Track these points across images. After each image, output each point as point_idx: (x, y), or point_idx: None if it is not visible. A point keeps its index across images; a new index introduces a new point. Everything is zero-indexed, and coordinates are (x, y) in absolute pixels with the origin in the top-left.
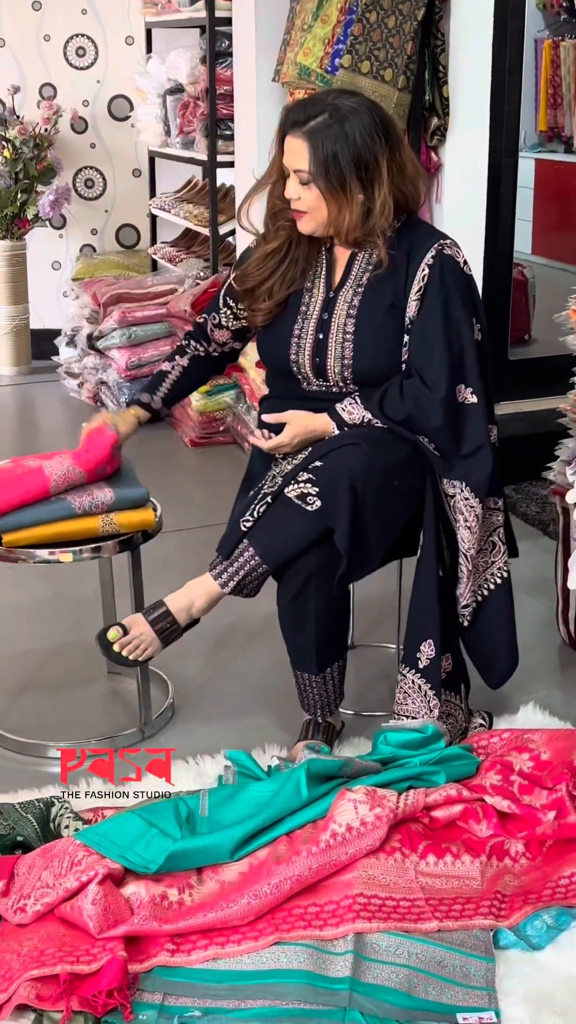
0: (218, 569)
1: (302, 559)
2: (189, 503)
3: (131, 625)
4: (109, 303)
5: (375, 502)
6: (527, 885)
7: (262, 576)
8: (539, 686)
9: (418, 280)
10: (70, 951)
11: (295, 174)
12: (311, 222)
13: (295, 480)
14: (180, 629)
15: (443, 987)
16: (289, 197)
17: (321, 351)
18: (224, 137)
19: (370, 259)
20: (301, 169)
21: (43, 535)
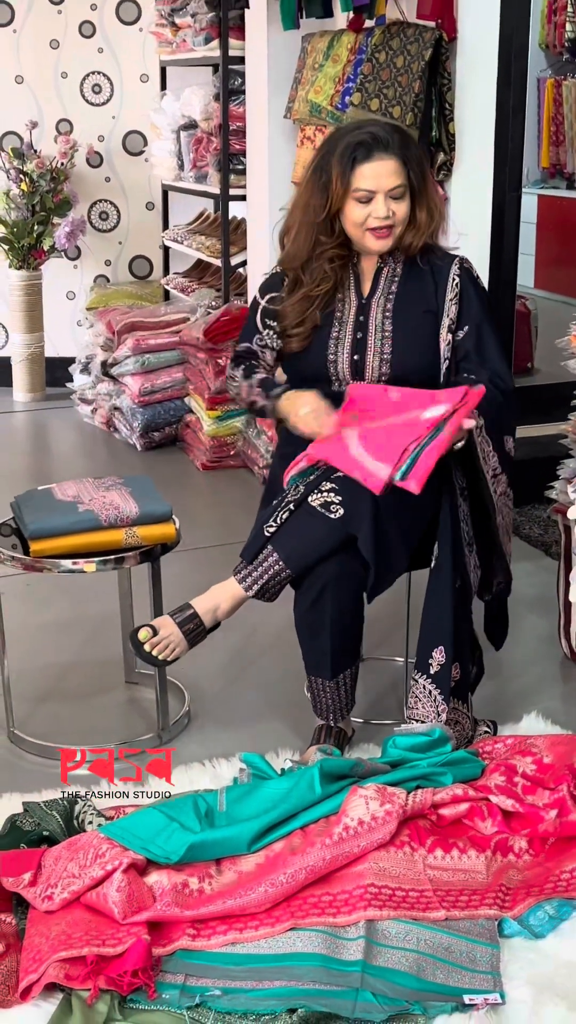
0: (242, 573)
1: (320, 568)
2: (201, 524)
3: (160, 626)
4: (123, 331)
5: (395, 510)
6: (530, 879)
7: (284, 581)
8: (542, 697)
9: (451, 288)
10: (96, 935)
11: (387, 194)
12: (392, 238)
13: (318, 489)
14: (205, 630)
15: (450, 971)
16: (382, 216)
17: (360, 349)
18: (236, 171)
19: (395, 272)
20: (398, 185)
21: (68, 545)
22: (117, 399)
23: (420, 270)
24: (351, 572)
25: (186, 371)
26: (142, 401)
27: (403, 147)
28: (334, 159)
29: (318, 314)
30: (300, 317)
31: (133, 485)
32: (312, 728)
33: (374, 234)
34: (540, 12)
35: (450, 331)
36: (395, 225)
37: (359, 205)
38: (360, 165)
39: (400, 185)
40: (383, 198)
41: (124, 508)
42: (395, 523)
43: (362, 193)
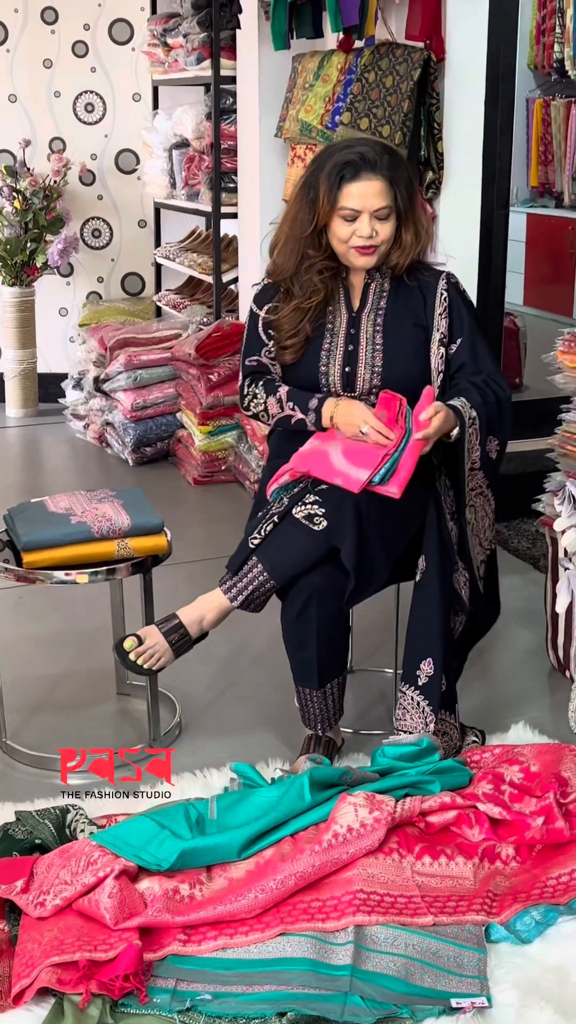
0: (228, 584)
1: (305, 579)
2: (192, 538)
3: (146, 636)
4: (116, 347)
5: (378, 523)
6: (517, 886)
7: (269, 592)
8: (530, 707)
9: (440, 303)
10: (88, 940)
11: (371, 214)
12: (377, 256)
13: (302, 502)
14: (191, 641)
15: (438, 975)
16: (365, 235)
17: (352, 361)
18: (228, 190)
19: (383, 287)
20: (383, 206)
21: (61, 557)
22: (109, 414)
23: (408, 286)
24: (335, 583)
25: (178, 387)
26: (134, 416)
27: (391, 168)
28: (322, 176)
29: (310, 326)
30: (293, 329)
31: (125, 498)
32: (302, 738)
33: (358, 251)
34: (528, 33)
35: (442, 344)
36: (379, 244)
37: (344, 223)
38: (347, 184)
39: (385, 206)
40: (368, 217)
41: (116, 520)
42: (378, 535)
43: (348, 211)
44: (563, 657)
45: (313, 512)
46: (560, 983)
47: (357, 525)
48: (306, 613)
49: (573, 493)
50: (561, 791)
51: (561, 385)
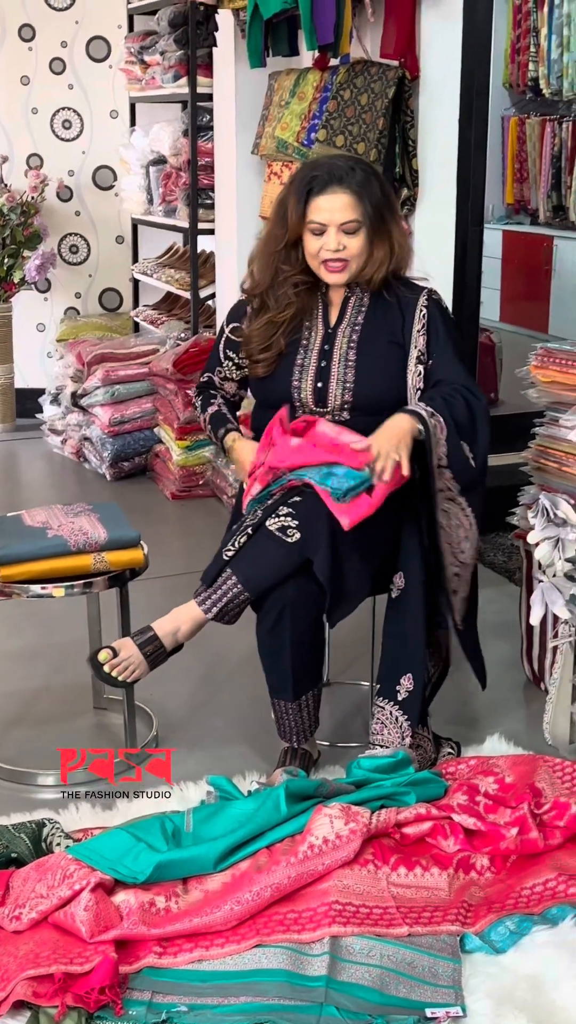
0: (202, 596)
1: (279, 591)
2: (170, 552)
3: (120, 648)
4: (93, 362)
5: (352, 537)
6: (492, 896)
7: (243, 604)
8: (505, 719)
9: (419, 319)
10: (64, 953)
11: (339, 228)
12: (348, 272)
13: (276, 514)
14: (166, 653)
15: (413, 985)
16: (332, 249)
17: (324, 377)
18: (205, 206)
19: (362, 302)
20: (351, 220)
21: (37, 571)
22: (87, 429)
23: (387, 302)
24: (309, 595)
25: (155, 401)
26: (112, 431)
27: (362, 183)
28: (292, 191)
29: (283, 341)
30: (266, 342)
31: (102, 511)
32: (278, 751)
33: (326, 267)
34: (503, 52)
35: (419, 362)
36: (348, 260)
37: (313, 237)
38: (314, 198)
39: (353, 220)
40: (335, 231)
41: (93, 534)
42: (352, 547)
43: (315, 225)
44: (538, 669)
45: (287, 524)
46: (534, 992)
47: (330, 537)
48: (280, 625)
49: (546, 506)
50: (535, 802)
51: (534, 399)
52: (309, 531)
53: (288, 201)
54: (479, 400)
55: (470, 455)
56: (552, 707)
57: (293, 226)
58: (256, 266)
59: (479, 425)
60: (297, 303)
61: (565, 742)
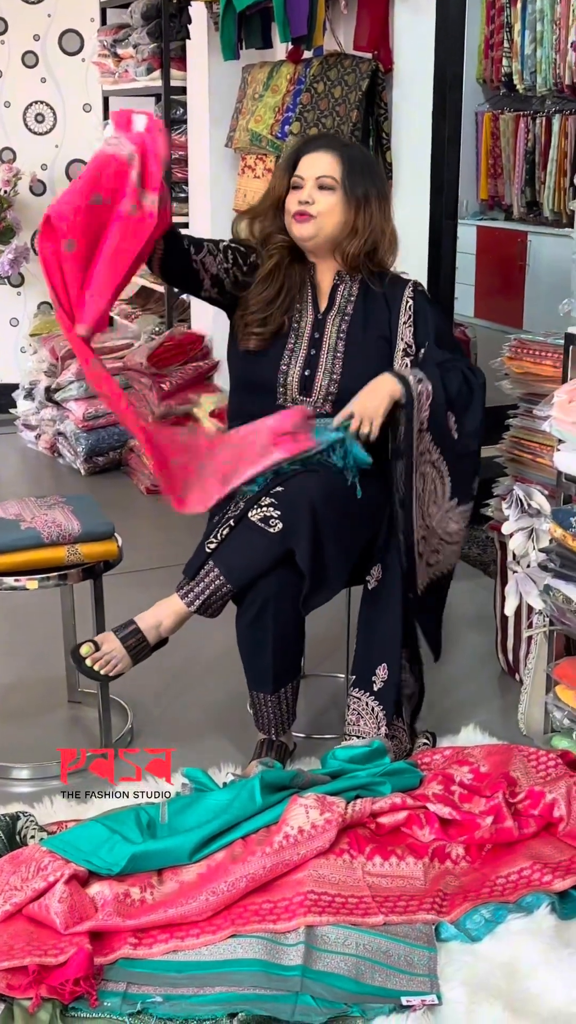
0: (184, 589)
1: (261, 584)
2: (145, 546)
3: (103, 642)
4: (67, 356)
5: (334, 527)
6: (467, 885)
7: (226, 596)
8: (480, 710)
9: (404, 311)
10: (38, 945)
11: (314, 181)
12: (313, 227)
13: (257, 504)
14: (149, 647)
15: (388, 974)
16: (302, 200)
17: (312, 365)
18: (179, 200)
19: (351, 291)
20: (326, 175)
21: (10, 563)
22: (61, 424)
23: (375, 294)
24: (292, 587)
25: (130, 396)
26: (86, 426)
27: (352, 155)
28: (285, 156)
29: (280, 318)
30: (263, 312)
31: (76, 504)
32: (254, 743)
33: (295, 219)
34: (477, 47)
35: (406, 355)
36: (315, 215)
37: (293, 192)
38: (302, 157)
39: (329, 175)
40: (310, 184)
41: (66, 526)
42: (334, 538)
43: (296, 179)
44: (512, 660)
45: (269, 514)
46: (509, 980)
47: (312, 527)
48: (261, 619)
49: (520, 497)
50: (510, 791)
51: (508, 391)
52: (291, 521)
53: (280, 163)
54: (476, 377)
55: (453, 426)
56: (527, 697)
57: (280, 183)
58: (245, 220)
59: (475, 400)
60: (283, 280)
61: (539, 732)
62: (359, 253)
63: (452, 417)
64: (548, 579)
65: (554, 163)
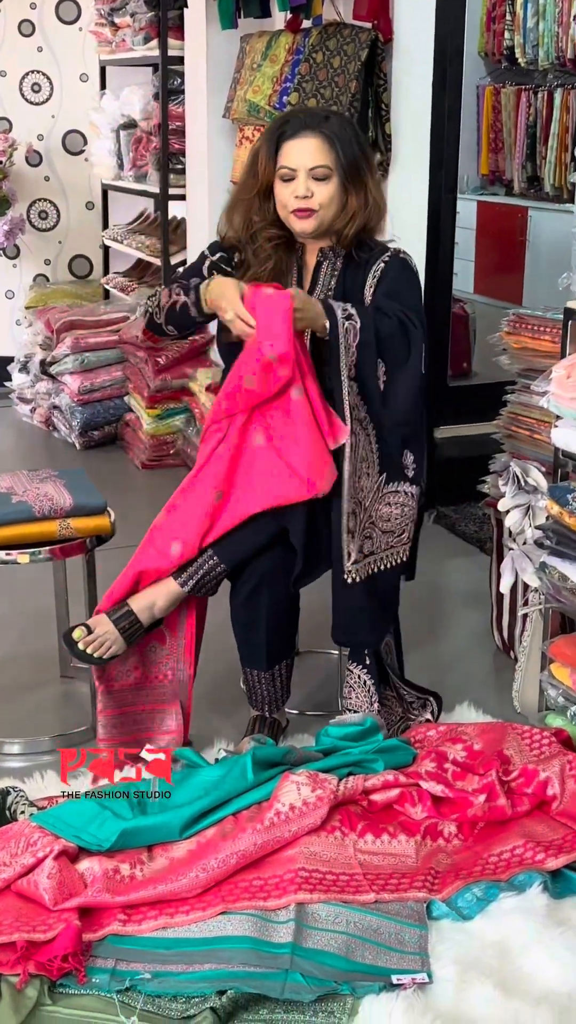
0: (178, 570)
1: (255, 562)
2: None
3: (95, 625)
4: (62, 329)
5: (326, 503)
6: (459, 863)
7: (220, 575)
8: (475, 688)
9: (371, 277)
10: (26, 921)
11: (308, 173)
12: (316, 220)
13: None
14: (143, 628)
15: (379, 952)
16: (300, 195)
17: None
18: (176, 171)
19: (335, 265)
20: (321, 164)
21: (1, 537)
22: (56, 398)
23: (356, 265)
24: (285, 566)
25: (125, 370)
26: (81, 400)
27: (336, 131)
28: (265, 138)
29: None
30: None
31: (68, 477)
32: (247, 720)
33: (295, 215)
34: (479, 20)
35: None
36: (318, 208)
37: (284, 184)
38: (285, 142)
39: (323, 165)
40: (304, 176)
41: (58, 500)
42: (326, 514)
43: (285, 171)
44: (507, 638)
45: None
46: (500, 958)
47: (306, 505)
48: (256, 597)
49: (516, 473)
50: (503, 769)
51: (506, 366)
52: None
53: (261, 148)
54: (416, 329)
55: (382, 377)
56: (521, 675)
57: (264, 173)
58: (228, 213)
59: (412, 358)
60: (275, 257)
61: (534, 710)
62: (356, 232)
63: (382, 367)
64: (544, 556)
65: (555, 138)
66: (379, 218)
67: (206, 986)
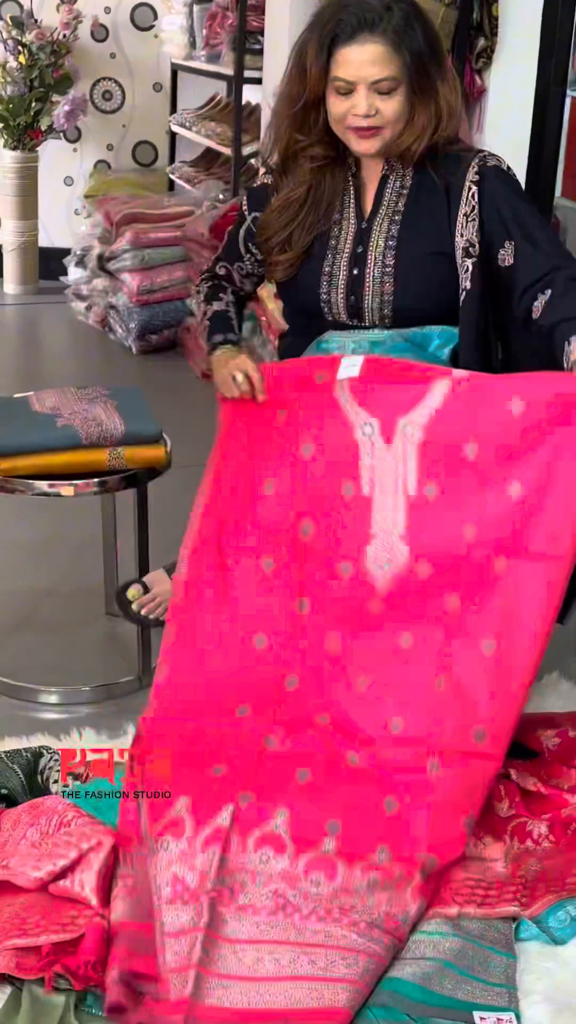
0: None
1: None
2: (197, 439)
3: (152, 582)
4: (122, 223)
5: None
6: (550, 871)
7: None
8: (565, 655)
9: (466, 202)
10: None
11: (370, 87)
12: (380, 140)
13: None
14: None
15: (459, 981)
16: (359, 112)
17: (356, 288)
18: (252, 52)
19: (403, 184)
20: (385, 77)
21: (45, 464)
22: (113, 297)
23: (432, 184)
24: None
25: (188, 270)
26: (140, 300)
27: (401, 28)
28: (313, 38)
29: (305, 239)
30: (281, 236)
31: (120, 398)
32: None
33: (355, 134)
34: None
35: (468, 256)
36: (382, 126)
37: (339, 97)
38: (340, 48)
39: (388, 78)
40: (365, 91)
41: (108, 425)
42: None
43: (341, 83)
44: None
45: None
46: None
47: None
48: None
49: None
50: None
51: None
52: None
53: (307, 50)
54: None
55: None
56: None
57: (313, 83)
58: (268, 133)
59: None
60: (312, 182)
61: None
62: (426, 147)
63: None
64: None
65: None
66: (455, 126)
67: None
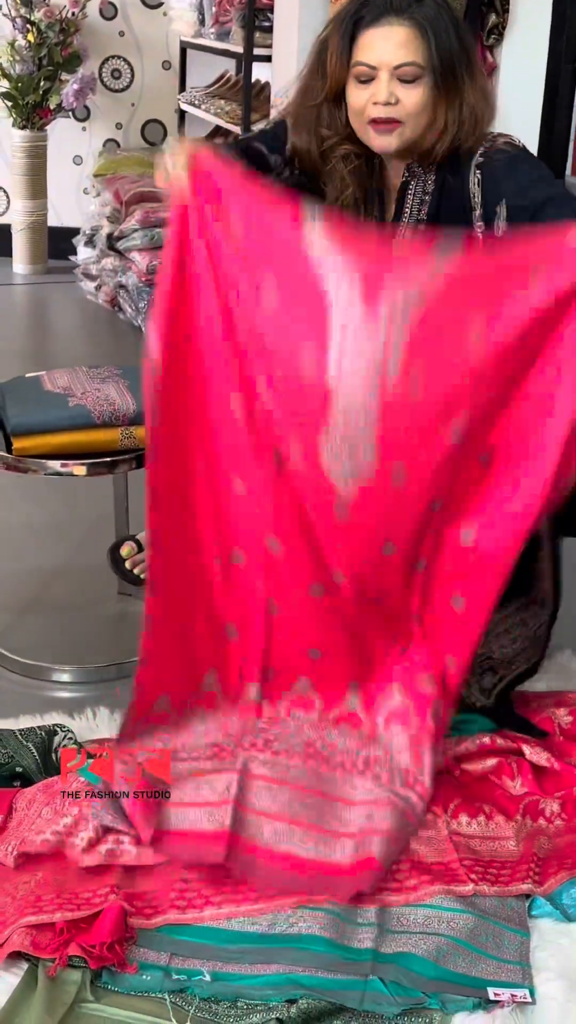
0: None
1: None
2: None
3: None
4: (132, 201)
5: None
6: (562, 849)
7: None
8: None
9: (474, 192)
10: (70, 899)
11: (392, 72)
12: (400, 135)
13: None
14: None
15: (474, 958)
16: (381, 101)
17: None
18: (262, 29)
19: (425, 187)
20: (410, 63)
21: (57, 444)
22: (123, 276)
23: (451, 186)
24: None
25: None
26: (150, 280)
27: (431, 17)
28: (336, 24)
29: None
30: None
31: (131, 377)
32: None
33: (374, 127)
34: None
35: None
36: (402, 120)
37: (359, 87)
38: (364, 31)
39: (412, 63)
40: (387, 77)
41: (121, 404)
42: None
43: (362, 68)
44: None
45: None
46: None
47: None
48: None
49: None
50: None
51: None
52: None
53: (330, 40)
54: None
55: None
56: None
57: (335, 72)
58: (294, 132)
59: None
60: (353, 183)
61: None
62: (449, 148)
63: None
64: None
65: None
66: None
67: (272, 992)
